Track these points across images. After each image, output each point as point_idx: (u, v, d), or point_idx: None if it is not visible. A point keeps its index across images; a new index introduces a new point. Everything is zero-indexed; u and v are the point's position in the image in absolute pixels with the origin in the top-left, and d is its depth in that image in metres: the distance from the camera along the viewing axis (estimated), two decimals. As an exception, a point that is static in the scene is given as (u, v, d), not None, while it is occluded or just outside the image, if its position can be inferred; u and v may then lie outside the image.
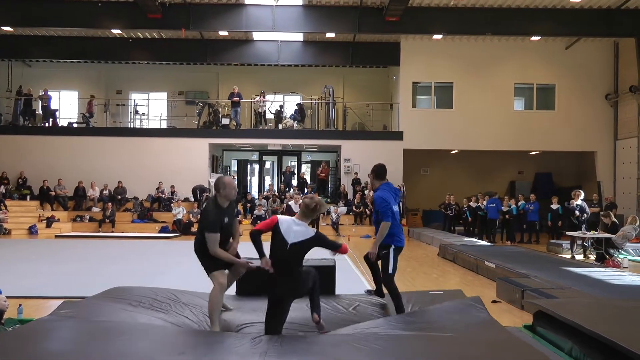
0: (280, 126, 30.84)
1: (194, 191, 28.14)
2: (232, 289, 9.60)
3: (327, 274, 9.69)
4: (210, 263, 7.61)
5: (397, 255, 8.49)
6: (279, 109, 31.24)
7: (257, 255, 7.18)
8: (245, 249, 8.21)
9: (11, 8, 26.04)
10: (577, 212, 19.82)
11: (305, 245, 7.04)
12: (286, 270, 7.08)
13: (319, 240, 7.15)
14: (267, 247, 7.06)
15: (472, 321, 7.51)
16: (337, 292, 9.54)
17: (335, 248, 7.30)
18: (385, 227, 8.30)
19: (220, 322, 7.74)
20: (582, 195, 20.85)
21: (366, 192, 27.21)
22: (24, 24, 27.27)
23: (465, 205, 27.62)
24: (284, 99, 33.07)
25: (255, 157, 35.57)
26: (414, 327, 7.32)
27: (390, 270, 8.38)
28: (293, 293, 7.16)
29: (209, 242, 7.46)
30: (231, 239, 8.02)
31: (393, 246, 8.40)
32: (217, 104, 31.24)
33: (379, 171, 8.98)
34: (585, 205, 20.87)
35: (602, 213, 19.32)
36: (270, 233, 7.12)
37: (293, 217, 7.30)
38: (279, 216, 7.29)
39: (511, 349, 6.37)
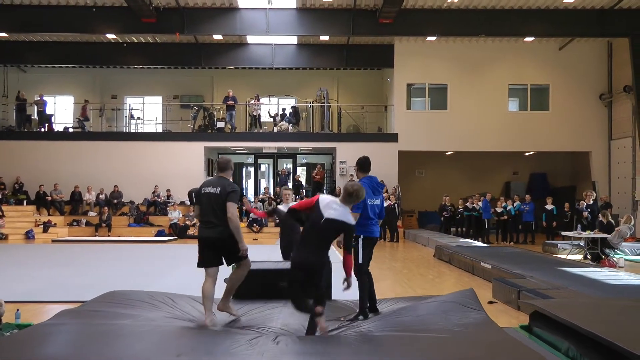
0: (275, 129, 30.85)
1: (189, 194, 28.03)
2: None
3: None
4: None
5: (367, 246, 8.50)
6: (282, 111, 31.24)
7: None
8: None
9: (6, 14, 26.04)
10: (585, 213, 19.82)
11: (338, 225, 7.09)
12: (314, 243, 7.11)
13: (349, 230, 7.19)
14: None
15: (469, 322, 7.52)
16: (333, 297, 9.55)
17: (349, 250, 7.26)
18: (353, 217, 8.07)
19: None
20: (594, 196, 20.80)
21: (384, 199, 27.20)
22: (19, 29, 27.27)
23: (461, 207, 27.70)
24: (278, 103, 33.11)
25: (250, 160, 35.57)
26: (411, 327, 7.33)
27: (360, 260, 8.41)
28: (314, 266, 7.09)
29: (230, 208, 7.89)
30: None
31: (362, 236, 8.41)
32: (212, 108, 31.24)
33: (362, 164, 8.89)
34: (596, 206, 20.83)
35: (584, 211, 19.39)
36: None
37: (336, 199, 7.36)
38: (322, 195, 7.39)
39: (508, 349, 6.38)
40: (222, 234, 8.02)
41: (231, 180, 8.46)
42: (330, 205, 7.15)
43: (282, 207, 13.45)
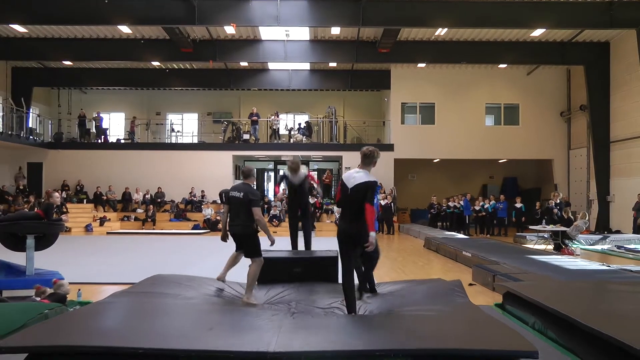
0: (291, 140, 30.87)
1: (220, 195, 28.13)
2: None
3: (329, 263, 9.70)
4: (259, 248, 8.34)
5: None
6: (297, 125, 31.29)
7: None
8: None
9: (71, 46, 26.25)
10: (555, 210, 19.72)
11: (362, 186, 6.72)
12: (349, 213, 6.86)
13: (371, 187, 6.75)
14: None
15: (452, 303, 7.53)
16: (339, 281, 9.56)
17: (371, 201, 6.77)
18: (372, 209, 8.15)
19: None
20: (561, 195, 20.74)
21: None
22: (81, 58, 27.37)
23: (445, 205, 27.72)
24: (294, 118, 33.11)
25: (271, 166, 35.57)
26: (408, 308, 7.34)
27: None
28: (353, 233, 6.80)
29: (255, 212, 8.12)
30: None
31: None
32: (239, 122, 31.26)
33: (365, 158, 8.67)
34: (563, 204, 20.73)
35: (553, 208, 19.34)
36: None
37: (355, 168, 7.08)
38: (343, 174, 7.13)
39: (486, 325, 6.39)
40: (241, 230, 8.27)
41: (254, 185, 8.56)
42: (351, 175, 6.89)
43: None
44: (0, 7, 21.70)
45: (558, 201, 19.72)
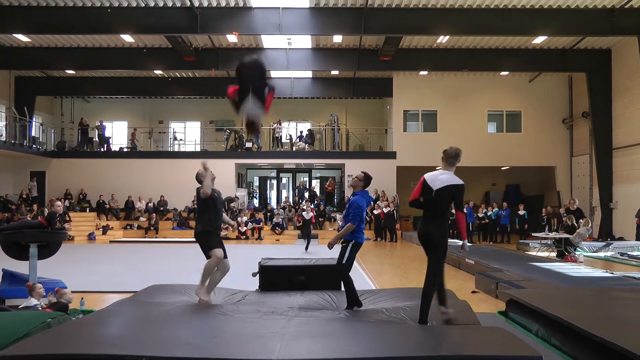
0: (294, 148, 30.91)
1: (223, 202, 28.14)
2: (255, 284, 9.65)
3: (333, 272, 9.68)
4: (211, 244, 8.23)
5: (355, 251, 8.10)
6: (299, 133, 31.35)
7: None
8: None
9: (74, 55, 26.30)
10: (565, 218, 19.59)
11: (449, 190, 6.64)
12: (430, 215, 6.75)
13: (460, 191, 6.69)
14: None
15: (455, 310, 7.52)
16: (342, 289, 9.55)
17: (461, 209, 6.82)
18: (349, 228, 8.06)
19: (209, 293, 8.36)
20: (577, 203, 20.62)
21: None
22: (84, 67, 27.43)
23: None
24: (297, 126, 33.13)
25: (273, 174, 35.61)
26: (410, 315, 7.34)
27: (344, 261, 8.04)
28: (431, 236, 6.73)
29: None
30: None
31: (353, 241, 8.07)
32: (241, 131, 31.27)
33: (367, 179, 8.52)
34: (582, 210, 20.60)
35: (565, 215, 19.28)
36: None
37: (439, 169, 6.94)
38: (426, 174, 6.93)
39: (489, 332, 6.38)
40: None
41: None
42: (436, 177, 6.75)
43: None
44: (4, 16, 21.79)
45: (575, 208, 19.61)
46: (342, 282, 8.28)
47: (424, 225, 6.84)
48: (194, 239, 8.48)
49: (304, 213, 14.89)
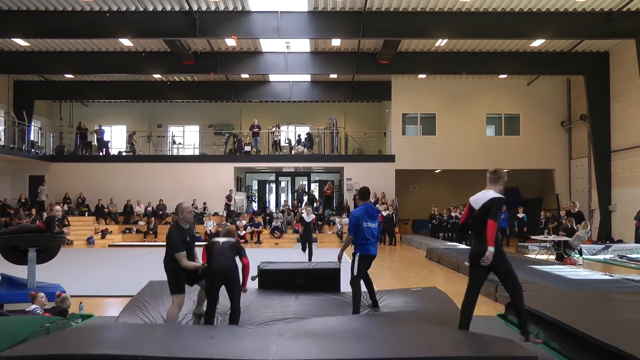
0: (292, 151, 30.91)
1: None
2: (255, 284, 9.64)
3: (332, 275, 9.71)
4: (174, 286, 7.36)
5: (363, 262, 8.28)
6: (298, 137, 31.37)
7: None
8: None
9: (73, 59, 26.30)
10: (564, 221, 19.57)
11: (487, 204, 6.75)
12: (478, 234, 6.80)
13: (495, 202, 6.79)
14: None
15: (451, 312, 7.52)
16: (342, 290, 9.55)
17: (494, 218, 6.76)
18: (347, 239, 8.41)
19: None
20: (578, 205, 20.58)
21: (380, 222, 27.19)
22: (82, 71, 27.45)
23: (446, 215, 27.76)
24: (295, 130, 33.13)
25: (272, 177, 35.62)
26: (407, 316, 7.33)
27: (355, 273, 8.25)
28: (479, 254, 6.67)
29: (179, 259, 7.26)
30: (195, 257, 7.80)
31: (358, 254, 8.27)
32: (240, 134, 31.29)
33: (363, 193, 8.86)
34: (582, 213, 20.59)
35: (565, 218, 19.27)
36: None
37: (481, 191, 7.03)
38: (471, 197, 7.08)
39: (485, 333, 6.38)
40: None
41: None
42: (478, 197, 6.92)
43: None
44: (2, 21, 21.79)
45: (576, 210, 19.58)
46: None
47: (476, 245, 6.89)
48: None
49: (303, 215, 14.89)
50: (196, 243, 7.83)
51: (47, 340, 5.69)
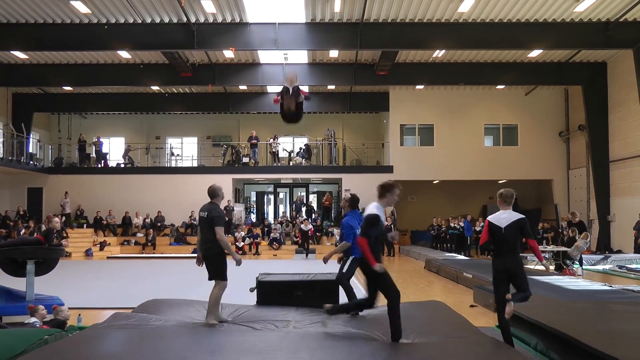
0: (291, 163, 30.93)
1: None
2: (253, 299, 9.62)
3: (330, 287, 9.67)
4: (223, 272, 7.98)
5: (355, 265, 8.55)
6: (304, 147, 31.34)
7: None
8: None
9: (71, 71, 26.37)
10: (566, 232, 19.55)
11: (515, 224, 6.90)
12: (506, 250, 6.92)
13: (525, 222, 6.97)
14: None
15: (452, 324, 7.52)
16: (340, 303, 9.52)
17: (533, 236, 7.06)
18: (344, 245, 8.78)
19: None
20: (578, 216, 20.57)
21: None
22: (81, 84, 27.56)
23: (445, 226, 27.77)
24: (293, 141, 33.16)
25: (270, 189, 35.63)
26: (408, 330, 7.33)
27: (344, 271, 8.81)
28: (512, 269, 6.91)
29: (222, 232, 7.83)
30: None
31: (352, 257, 8.61)
32: (238, 146, 31.32)
33: (354, 201, 9.47)
34: (584, 223, 20.59)
35: (567, 228, 19.24)
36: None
37: (499, 210, 7.23)
38: (489, 217, 7.23)
39: (485, 345, 6.38)
40: (204, 251, 8.09)
41: (220, 205, 8.41)
42: (500, 217, 7.04)
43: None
44: (1, 34, 21.86)
45: (577, 221, 19.54)
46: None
47: (502, 261, 6.99)
48: (203, 259, 8.21)
49: (302, 225, 14.85)
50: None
51: (46, 351, 5.69)
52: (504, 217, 7.03)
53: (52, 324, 7.85)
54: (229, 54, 24.27)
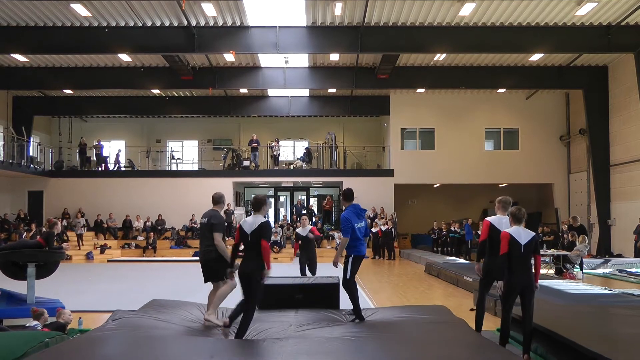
0: (291, 166, 30.96)
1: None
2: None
3: (331, 290, 9.69)
4: (221, 275, 8.26)
5: (356, 263, 8.56)
6: (304, 151, 31.37)
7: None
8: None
9: (72, 75, 26.43)
10: (566, 235, 19.55)
11: (532, 242, 7.04)
12: (523, 265, 7.00)
13: (538, 241, 7.18)
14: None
15: (453, 329, 7.53)
16: (340, 307, 9.53)
17: (539, 253, 7.27)
18: (344, 242, 8.56)
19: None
20: (579, 219, 20.57)
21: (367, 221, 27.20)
22: (81, 87, 27.65)
23: (445, 230, 27.78)
24: (294, 145, 33.20)
25: (271, 192, 35.60)
26: (409, 333, 7.35)
27: (348, 276, 8.51)
28: (528, 284, 7.01)
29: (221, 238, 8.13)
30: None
31: (352, 255, 8.51)
32: (239, 149, 31.34)
33: (347, 194, 9.11)
34: (584, 227, 20.58)
35: (568, 232, 19.23)
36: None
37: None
38: (509, 230, 7.19)
39: (484, 349, 6.40)
40: (203, 256, 8.44)
41: (221, 212, 8.66)
42: (517, 233, 7.07)
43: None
44: (1, 37, 21.90)
45: (578, 225, 19.51)
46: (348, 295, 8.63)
47: (519, 276, 7.05)
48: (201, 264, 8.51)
49: (298, 230, 14.74)
50: None
51: (47, 354, 5.71)
52: (522, 233, 7.10)
53: (53, 327, 7.87)
54: (229, 57, 24.31)
